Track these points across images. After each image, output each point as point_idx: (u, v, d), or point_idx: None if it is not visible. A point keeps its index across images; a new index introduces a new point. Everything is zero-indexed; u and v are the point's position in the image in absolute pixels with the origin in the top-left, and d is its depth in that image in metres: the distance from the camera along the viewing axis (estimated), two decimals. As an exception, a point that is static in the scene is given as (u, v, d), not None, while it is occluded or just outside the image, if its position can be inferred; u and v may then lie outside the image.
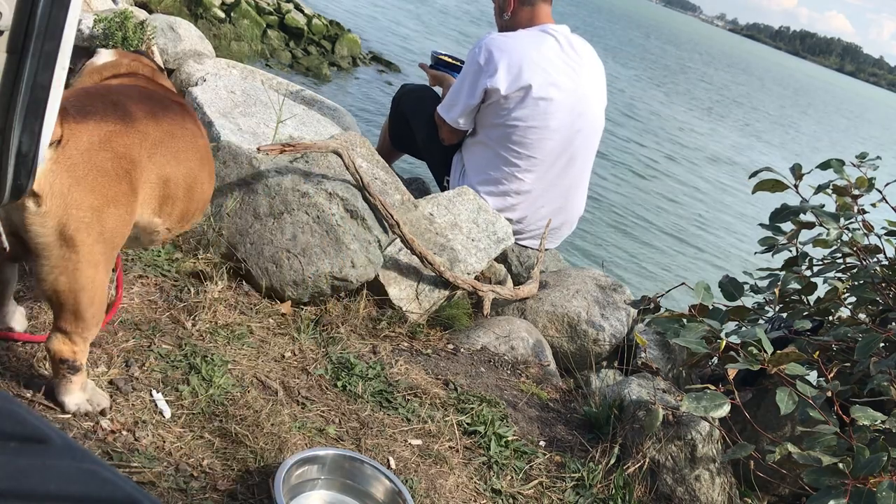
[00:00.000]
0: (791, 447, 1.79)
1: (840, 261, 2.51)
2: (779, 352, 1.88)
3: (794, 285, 2.39)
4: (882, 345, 2.06)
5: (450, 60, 3.26)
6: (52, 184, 1.30)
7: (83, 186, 1.35)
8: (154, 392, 1.60)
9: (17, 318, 1.62)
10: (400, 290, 2.33)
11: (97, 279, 1.41)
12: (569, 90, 2.89)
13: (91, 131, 1.36)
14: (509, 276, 2.87)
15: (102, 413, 1.50)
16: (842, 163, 2.49)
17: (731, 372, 1.97)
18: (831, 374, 1.94)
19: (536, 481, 1.82)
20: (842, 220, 2.41)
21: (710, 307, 2.21)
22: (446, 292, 2.44)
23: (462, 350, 2.27)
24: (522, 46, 2.85)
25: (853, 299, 2.36)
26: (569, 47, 2.95)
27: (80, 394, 1.48)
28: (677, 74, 24.78)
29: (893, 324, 2.18)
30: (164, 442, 1.50)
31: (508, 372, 2.25)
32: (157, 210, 1.55)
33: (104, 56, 1.73)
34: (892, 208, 2.44)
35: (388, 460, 1.69)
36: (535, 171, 2.94)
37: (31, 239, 1.34)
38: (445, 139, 3.07)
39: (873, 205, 2.51)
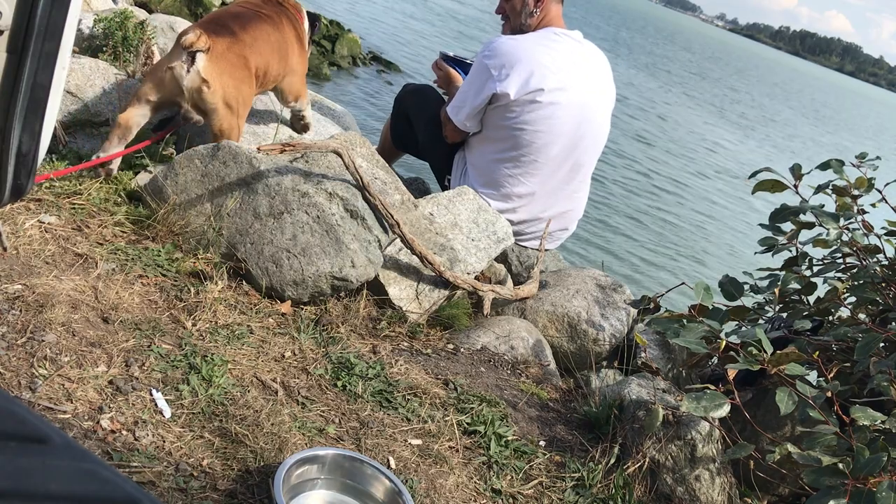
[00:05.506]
0: (791, 447, 1.79)
1: (840, 261, 2.51)
2: (779, 352, 1.88)
3: (794, 285, 2.39)
4: (882, 345, 2.06)
5: (459, 60, 3.22)
6: (212, 74, 2.31)
7: (227, 74, 2.36)
8: (154, 392, 1.60)
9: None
10: (400, 290, 2.33)
11: (240, 124, 2.48)
12: (577, 95, 2.87)
13: (221, 42, 2.34)
14: (509, 276, 2.87)
15: None
16: (841, 163, 2.49)
17: (731, 372, 1.97)
18: (831, 374, 1.94)
19: (536, 481, 1.82)
20: (842, 220, 2.41)
21: (710, 307, 2.21)
22: (446, 292, 2.44)
23: (462, 350, 2.27)
24: (533, 50, 2.83)
25: (853, 299, 2.36)
26: (579, 51, 2.93)
27: None
28: (681, 75, 24.77)
29: (893, 324, 2.18)
30: (164, 442, 1.50)
31: (508, 372, 2.25)
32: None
33: None
34: (892, 208, 2.44)
35: (388, 460, 1.69)
36: (539, 175, 2.93)
37: (207, 108, 2.36)
38: (449, 137, 3.05)
39: (873, 205, 2.51)
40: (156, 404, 1.58)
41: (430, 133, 3.13)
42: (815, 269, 2.51)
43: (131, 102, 2.36)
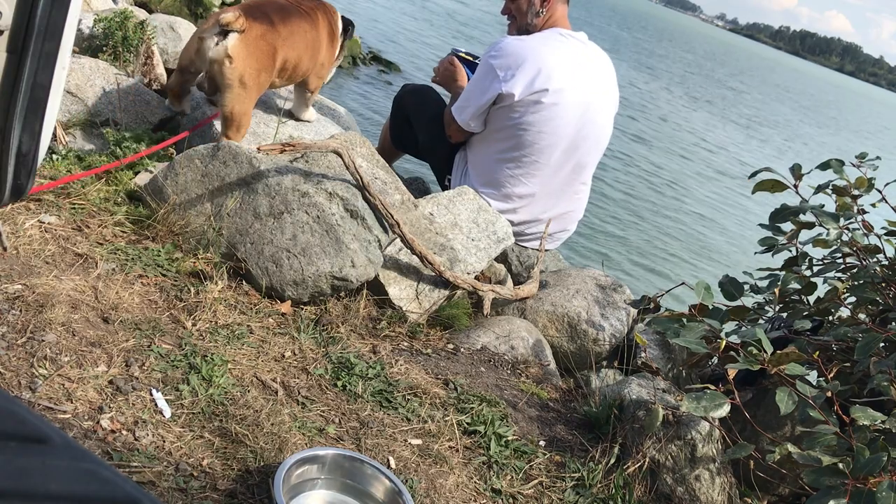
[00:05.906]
0: (791, 447, 1.79)
1: (840, 261, 2.51)
2: (779, 352, 1.88)
3: (794, 285, 2.39)
4: (882, 345, 2.06)
5: (470, 59, 3.20)
6: (238, 52, 2.39)
7: (253, 57, 2.45)
8: (154, 391, 1.60)
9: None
10: (400, 290, 2.33)
11: (249, 110, 2.55)
12: (580, 96, 2.86)
13: (257, 28, 2.44)
14: (509, 276, 2.87)
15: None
16: (841, 163, 2.49)
17: (731, 372, 1.97)
18: (831, 374, 1.94)
19: (536, 481, 1.82)
20: (842, 220, 2.41)
21: (710, 307, 2.21)
22: (446, 292, 2.44)
23: (462, 350, 2.27)
24: (539, 51, 2.82)
25: (853, 299, 2.36)
26: (583, 53, 2.93)
27: None
28: (682, 76, 24.78)
29: (893, 324, 2.18)
30: (164, 441, 1.50)
31: (508, 372, 2.25)
32: (277, 76, 2.64)
33: None
34: (893, 208, 2.44)
35: (388, 460, 1.69)
36: (540, 176, 2.93)
37: (223, 81, 2.43)
38: (453, 137, 3.04)
39: (873, 205, 2.51)
40: (156, 404, 1.58)
41: (430, 133, 3.13)
42: (815, 269, 2.51)
43: (175, 70, 2.67)
